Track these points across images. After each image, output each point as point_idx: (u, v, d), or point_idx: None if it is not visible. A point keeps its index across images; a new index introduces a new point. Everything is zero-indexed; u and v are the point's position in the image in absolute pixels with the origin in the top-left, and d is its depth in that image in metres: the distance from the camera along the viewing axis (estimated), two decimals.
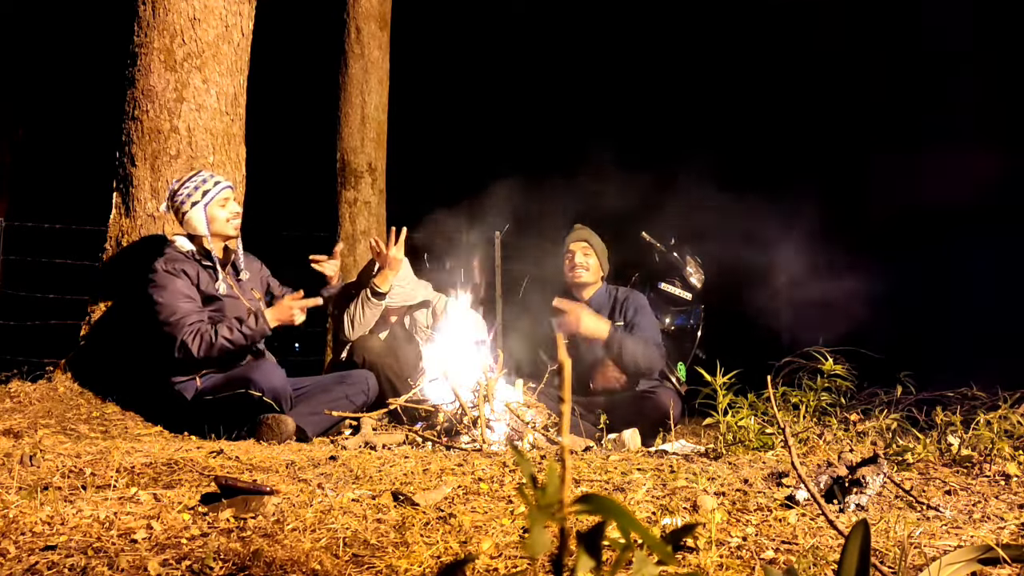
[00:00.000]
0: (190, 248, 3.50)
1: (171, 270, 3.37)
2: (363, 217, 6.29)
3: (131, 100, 3.99)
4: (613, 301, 4.21)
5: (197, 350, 3.27)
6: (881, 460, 2.14)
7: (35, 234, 6.01)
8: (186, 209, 3.48)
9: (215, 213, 3.52)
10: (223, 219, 3.54)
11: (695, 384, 3.37)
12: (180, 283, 3.36)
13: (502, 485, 2.18)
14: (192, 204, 3.48)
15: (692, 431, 4.16)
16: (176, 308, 3.31)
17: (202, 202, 3.48)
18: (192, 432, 3.30)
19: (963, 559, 1.34)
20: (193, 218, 3.48)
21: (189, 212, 3.48)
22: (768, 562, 1.62)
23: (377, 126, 6.41)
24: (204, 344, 3.28)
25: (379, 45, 6.46)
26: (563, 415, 0.71)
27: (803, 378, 3.31)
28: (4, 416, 3.28)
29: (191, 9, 3.99)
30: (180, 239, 3.52)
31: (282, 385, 3.26)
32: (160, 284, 3.34)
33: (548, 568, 1.54)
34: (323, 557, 1.57)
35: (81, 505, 1.86)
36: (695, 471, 2.37)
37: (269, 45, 5.24)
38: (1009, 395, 3.16)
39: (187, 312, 3.32)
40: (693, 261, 5.42)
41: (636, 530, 0.63)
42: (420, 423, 3.48)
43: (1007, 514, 2.04)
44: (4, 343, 5.45)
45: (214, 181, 3.55)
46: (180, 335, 3.27)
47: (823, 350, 3.24)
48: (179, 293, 3.34)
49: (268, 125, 7.85)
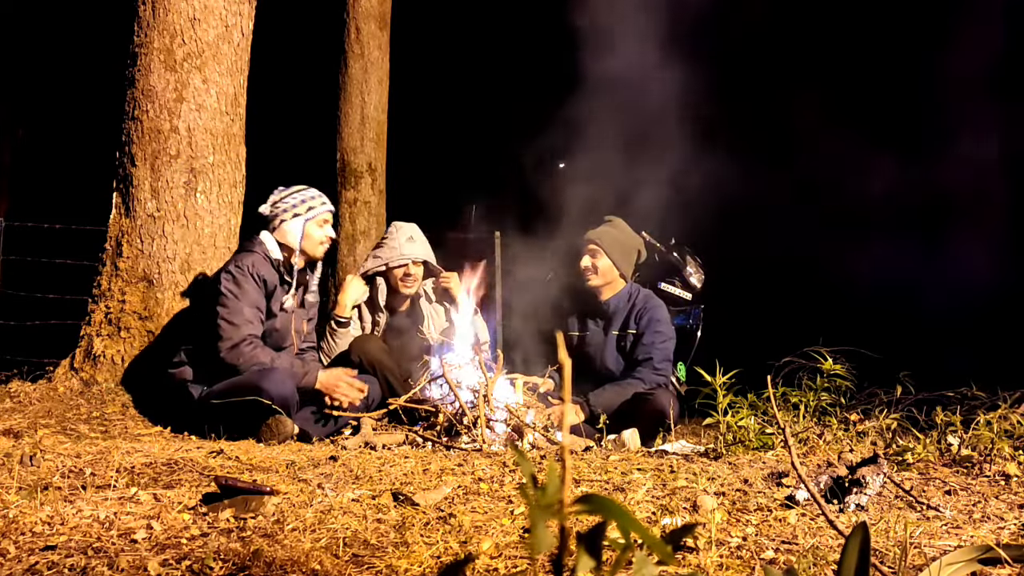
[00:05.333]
0: (278, 256, 3.52)
1: (255, 274, 3.38)
2: (363, 217, 6.29)
3: (131, 100, 3.99)
4: (631, 307, 4.00)
5: (245, 360, 3.27)
6: (881, 460, 2.14)
7: (35, 234, 6.01)
8: (286, 218, 3.53)
9: (311, 231, 3.57)
10: (317, 239, 3.60)
11: (695, 384, 3.36)
12: (257, 289, 3.38)
13: (502, 485, 2.18)
14: (294, 215, 3.53)
15: (692, 431, 4.15)
16: (243, 310, 3.33)
17: (304, 216, 3.54)
18: (193, 433, 3.30)
19: (963, 559, 1.34)
20: (290, 228, 3.53)
21: (289, 221, 3.53)
22: (768, 562, 1.62)
23: (377, 126, 6.41)
24: (256, 361, 3.28)
25: (379, 45, 6.45)
26: (563, 415, 0.71)
27: (803, 378, 3.30)
28: (4, 416, 3.28)
29: (191, 9, 3.99)
30: (271, 242, 3.53)
31: (291, 393, 3.26)
32: (239, 282, 3.35)
33: (548, 568, 1.54)
34: (323, 557, 1.57)
35: (81, 505, 1.86)
36: (695, 471, 2.37)
37: (269, 45, 5.24)
38: (1009, 395, 3.16)
39: (252, 319, 3.35)
40: (693, 261, 5.41)
41: (636, 530, 0.63)
42: (420, 423, 3.48)
43: (1007, 514, 2.04)
44: (4, 343, 5.45)
45: (321, 200, 3.62)
46: (238, 338, 3.28)
47: (823, 350, 3.24)
48: (252, 298, 3.36)
49: (268, 125, 7.85)
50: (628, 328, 3.98)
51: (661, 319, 3.96)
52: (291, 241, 3.54)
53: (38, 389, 3.74)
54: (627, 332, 3.98)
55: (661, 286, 5.33)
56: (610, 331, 4.03)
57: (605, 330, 4.04)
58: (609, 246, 4.02)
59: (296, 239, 3.53)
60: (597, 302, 4.07)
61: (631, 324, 3.97)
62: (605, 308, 4.05)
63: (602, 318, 4.07)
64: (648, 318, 3.93)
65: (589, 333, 4.08)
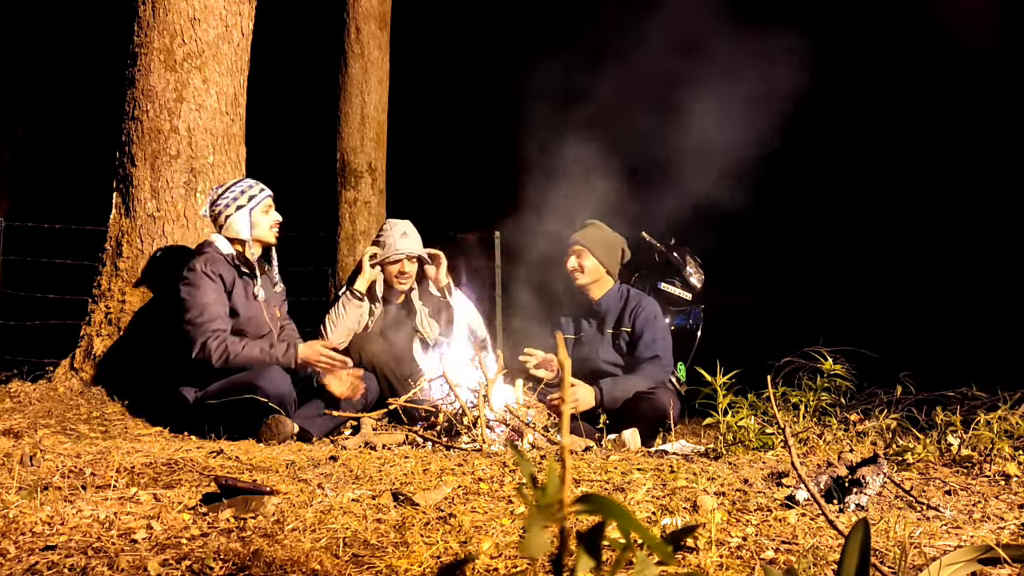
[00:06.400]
0: (230, 251, 3.51)
1: (209, 272, 3.37)
2: (363, 217, 6.29)
3: (131, 100, 3.99)
4: (623, 305, 4.05)
5: (218, 357, 3.27)
6: (881, 460, 2.14)
7: (35, 234, 6.00)
8: (230, 212, 3.51)
9: (258, 219, 3.55)
10: (266, 225, 3.58)
11: (695, 384, 3.35)
12: (214, 287, 3.36)
13: (502, 485, 2.18)
14: (237, 208, 3.51)
15: (692, 431, 4.16)
16: (204, 309, 3.31)
17: (248, 206, 3.52)
18: (193, 433, 3.30)
19: (963, 559, 1.34)
20: (236, 222, 3.51)
21: (233, 215, 3.51)
22: (768, 562, 1.62)
23: (377, 126, 6.41)
24: (226, 353, 3.28)
25: (379, 45, 6.45)
26: (563, 415, 0.71)
27: (803, 378, 3.30)
28: (4, 416, 3.28)
29: (191, 9, 3.99)
30: (220, 240, 3.52)
31: (288, 391, 3.26)
32: (194, 283, 3.34)
33: (548, 568, 1.54)
34: (323, 557, 1.57)
35: (81, 505, 1.86)
36: (695, 471, 2.37)
37: (269, 45, 5.24)
38: (1009, 395, 3.16)
39: (214, 316, 3.33)
40: (693, 261, 5.41)
41: (636, 530, 0.63)
42: (420, 423, 3.48)
43: (1007, 514, 2.04)
44: (4, 343, 5.45)
45: (259, 188, 3.60)
46: (203, 337, 3.28)
47: (823, 350, 3.24)
48: (211, 296, 3.34)
49: (268, 125, 7.85)
50: (622, 326, 4.03)
51: (657, 315, 4.05)
52: (241, 234, 3.52)
53: (38, 389, 3.75)
54: (621, 330, 4.02)
55: (661, 286, 5.33)
56: (605, 330, 4.07)
57: (600, 329, 4.09)
58: (592, 245, 4.09)
59: (245, 230, 3.51)
60: (589, 303, 4.13)
61: (625, 321, 4.03)
62: (598, 308, 4.11)
63: (595, 318, 4.12)
64: (644, 316, 3.99)
65: (584, 334, 4.13)
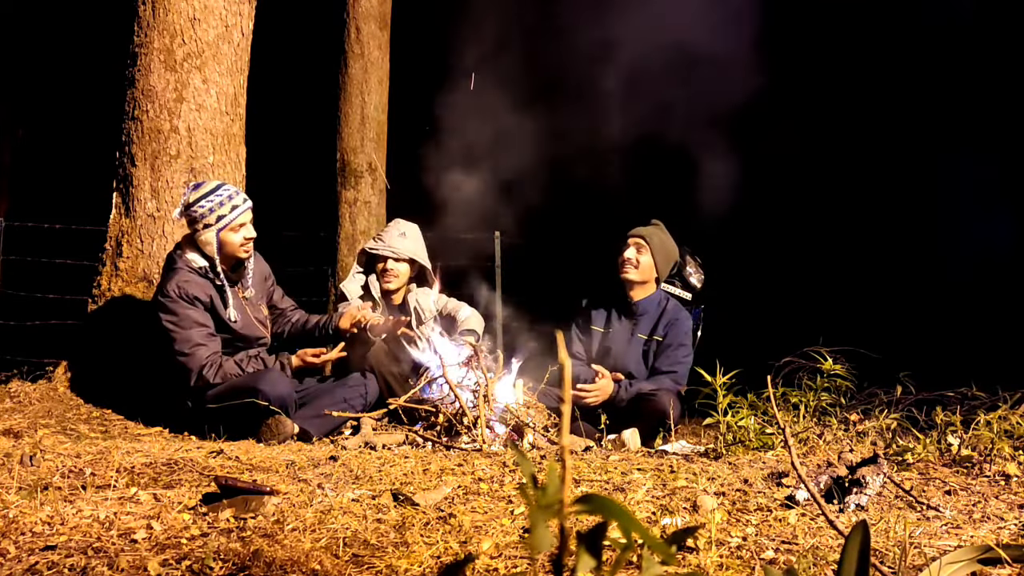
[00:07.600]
0: (203, 264, 3.42)
1: (184, 296, 3.30)
2: (363, 217, 6.29)
3: (131, 100, 3.99)
4: (661, 313, 3.99)
5: (214, 378, 3.28)
6: (881, 460, 2.14)
7: (35, 234, 6.00)
8: (198, 228, 3.40)
9: (228, 238, 3.43)
10: (236, 243, 3.45)
11: (695, 384, 3.35)
12: (194, 312, 3.32)
13: (502, 485, 2.18)
14: (205, 226, 3.39)
15: (692, 431, 4.15)
16: (189, 339, 3.29)
17: (215, 227, 3.39)
18: (193, 433, 3.31)
19: (963, 559, 1.34)
20: (206, 240, 3.41)
21: (202, 233, 3.40)
22: (768, 562, 1.62)
23: (377, 126, 6.41)
24: (221, 375, 3.30)
25: (379, 45, 6.46)
26: (563, 415, 0.71)
27: (803, 378, 3.30)
28: (4, 416, 3.28)
29: (191, 9, 3.99)
30: (192, 255, 3.43)
31: (288, 393, 3.26)
32: (174, 312, 3.29)
33: (548, 568, 1.54)
34: (323, 557, 1.57)
35: (81, 505, 1.86)
36: (695, 471, 2.37)
37: (269, 45, 5.24)
38: (1009, 395, 3.16)
39: (202, 343, 3.31)
40: (693, 261, 5.41)
41: (637, 530, 0.63)
42: (420, 423, 3.48)
43: (1007, 514, 2.04)
44: (4, 343, 5.45)
45: (231, 205, 3.41)
46: (197, 367, 3.28)
47: (823, 350, 3.23)
48: (193, 322, 3.31)
49: (268, 125, 7.85)
50: (655, 335, 3.96)
51: (689, 332, 4.01)
52: (210, 252, 3.42)
53: (38, 389, 3.75)
54: (653, 339, 3.95)
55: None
56: (636, 333, 4.00)
57: (632, 331, 4.02)
58: (656, 246, 4.04)
59: (215, 249, 3.41)
60: (627, 301, 4.05)
61: (659, 331, 3.96)
62: (635, 309, 4.03)
63: (629, 318, 4.04)
64: (677, 330, 3.94)
65: (612, 330, 4.05)
